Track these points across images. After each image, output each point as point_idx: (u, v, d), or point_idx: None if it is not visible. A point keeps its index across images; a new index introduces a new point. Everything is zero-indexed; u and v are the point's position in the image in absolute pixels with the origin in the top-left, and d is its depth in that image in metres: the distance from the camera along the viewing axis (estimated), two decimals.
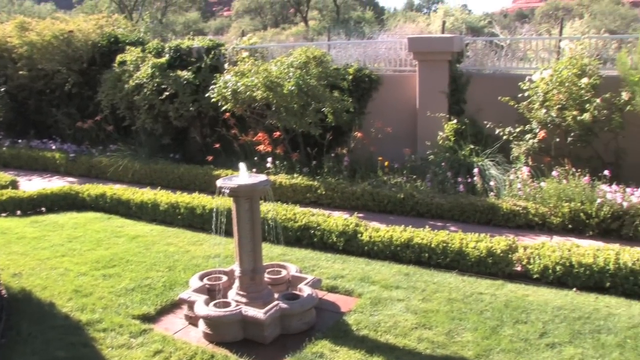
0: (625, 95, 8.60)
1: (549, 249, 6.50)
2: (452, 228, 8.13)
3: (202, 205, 8.65)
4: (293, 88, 9.70)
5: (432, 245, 6.86)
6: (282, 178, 10.02)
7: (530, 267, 6.44)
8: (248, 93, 10.04)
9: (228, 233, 6.09)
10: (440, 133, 9.97)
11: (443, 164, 9.44)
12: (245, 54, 11.94)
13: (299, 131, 10.46)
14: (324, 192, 9.60)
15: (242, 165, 5.49)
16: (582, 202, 7.89)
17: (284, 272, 6.03)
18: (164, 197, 9.21)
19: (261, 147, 10.63)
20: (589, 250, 6.35)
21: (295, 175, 10.14)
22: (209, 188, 10.27)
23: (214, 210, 7.83)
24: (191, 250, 7.62)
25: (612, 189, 7.89)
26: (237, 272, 5.48)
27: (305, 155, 10.73)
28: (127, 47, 13.60)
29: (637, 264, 5.99)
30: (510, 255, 6.58)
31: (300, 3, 56.20)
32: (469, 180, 9.10)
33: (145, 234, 8.46)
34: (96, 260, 7.24)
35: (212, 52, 12.55)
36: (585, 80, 8.76)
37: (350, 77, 11.13)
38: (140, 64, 12.71)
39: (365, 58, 12.13)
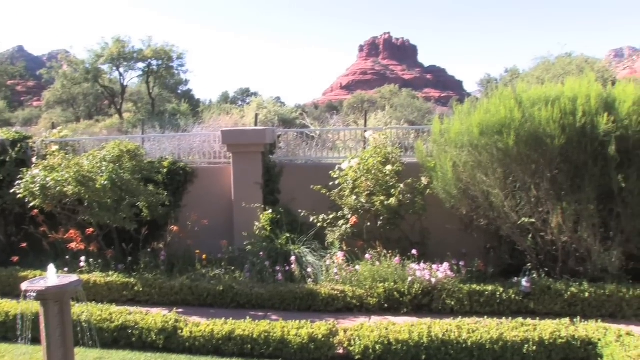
0: (424, 180, 9.32)
1: (368, 329, 6.74)
2: (274, 317, 8.15)
3: (5, 312, 7.95)
4: (106, 182, 9.43)
5: (254, 336, 6.84)
6: (96, 277, 9.54)
7: (351, 348, 6.62)
8: (58, 188, 9.59)
9: (37, 340, 5.66)
10: (257, 223, 10.09)
11: (261, 253, 9.52)
12: (55, 147, 11.49)
13: (113, 227, 10.13)
14: (141, 289, 9.25)
15: (51, 266, 5.21)
16: (395, 282, 8.32)
17: None
18: None
19: (73, 245, 10.10)
20: (404, 327, 6.68)
21: (110, 272, 9.70)
22: (15, 292, 9.48)
23: (19, 316, 7.25)
24: None
25: (420, 267, 8.40)
26: None
27: (121, 251, 10.36)
28: None
29: (447, 334, 6.45)
30: (331, 339, 6.72)
31: (114, 95, 55.26)
32: (287, 268, 9.23)
33: None
34: None
35: (19, 145, 11.90)
36: (389, 167, 9.39)
37: (165, 170, 11.07)
38: None
39: (180, 151, 12.11)
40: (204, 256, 9.85)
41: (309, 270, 9.15)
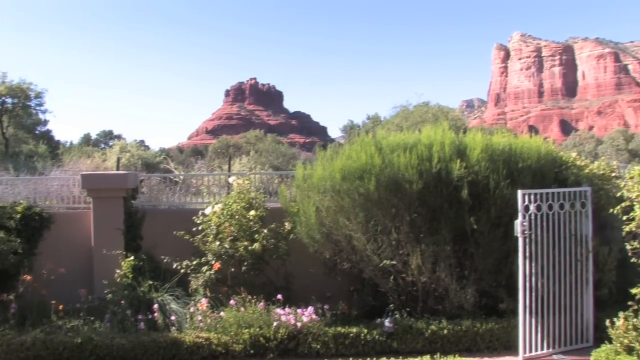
0: (288, 225, 9.47)
1: None
2: None
3: None
4: None
5: None
6: None
7: None
8: None
9: None
10: (118, 270, 9.73)
11: (122, 302, 9.16)
12: None
13: None
14: None
15: None
16: (261, 327, 8.32)
17: None
18: None
19: None
20: None
21: None
22: None
23: None
24: None
25: (285, 311, 8.46)
26: None
27: None
28: None
29: None
30: None
31: None
32: (150, 316, 8.95)
33: None
34: None
35: None
36: (253, 212, 9.46)
37: (19, 215, 10.49)
38: None
39: (36, 195, 11.57)
40: (60, 307, 9.36)
41: (173, 318, 8.94)
